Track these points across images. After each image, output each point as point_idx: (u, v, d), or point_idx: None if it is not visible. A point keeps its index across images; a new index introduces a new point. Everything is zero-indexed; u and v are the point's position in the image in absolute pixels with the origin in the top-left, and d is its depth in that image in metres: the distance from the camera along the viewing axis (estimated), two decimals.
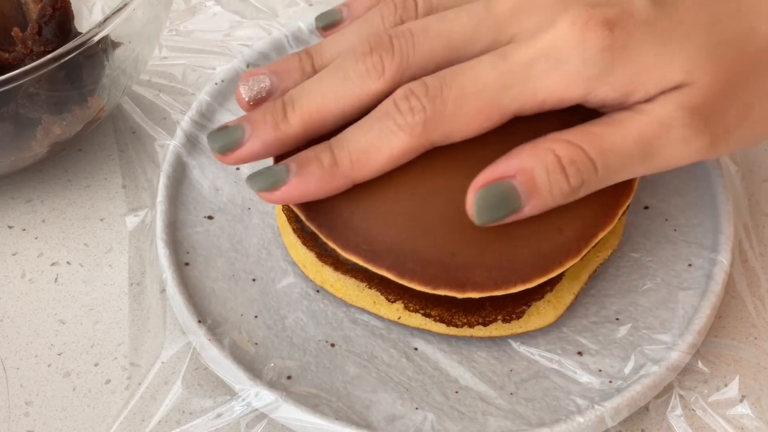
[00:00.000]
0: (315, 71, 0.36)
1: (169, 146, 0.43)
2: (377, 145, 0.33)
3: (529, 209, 0.32)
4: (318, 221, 0.35)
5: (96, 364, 0.37)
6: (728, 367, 0.36)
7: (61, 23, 0.41)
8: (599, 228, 0.34)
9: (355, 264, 0.35)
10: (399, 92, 0.33)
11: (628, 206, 0.36)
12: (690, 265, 0.38)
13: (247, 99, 0.36)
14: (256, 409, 0.34)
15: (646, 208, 0.41)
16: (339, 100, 0.34)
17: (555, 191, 0.32)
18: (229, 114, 0.45)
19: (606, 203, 0.35)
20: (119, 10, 0.40)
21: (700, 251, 0.38)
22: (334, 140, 0.33)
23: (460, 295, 0.34)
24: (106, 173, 0.45)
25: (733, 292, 0.39)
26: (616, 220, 0.35)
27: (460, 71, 0.32)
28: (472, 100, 0.32)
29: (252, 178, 0.34)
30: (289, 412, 0.33)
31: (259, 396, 0.34)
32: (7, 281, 0.41)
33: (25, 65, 0.38)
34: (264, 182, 0.33)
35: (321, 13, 0.39)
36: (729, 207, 0.39)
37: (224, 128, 0.35)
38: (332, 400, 0.35)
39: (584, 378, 0.35)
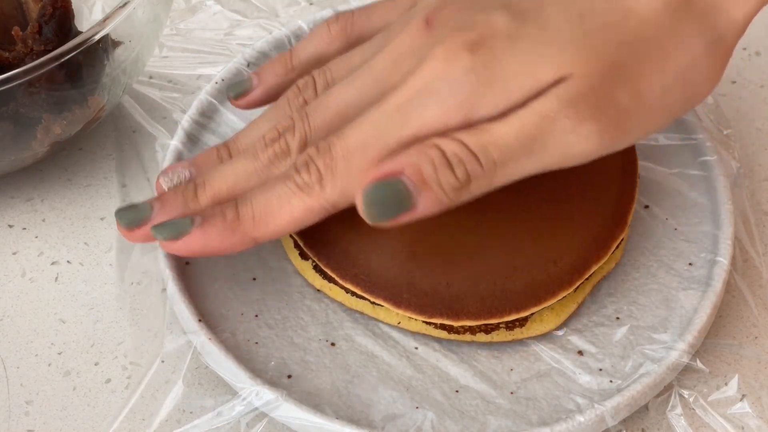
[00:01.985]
0: (231, 159, 0.37)
1: (169, 146, 0.43)
2: (278, 204, 0.34)
3: (422, 207, 0.32)
4: (317, 250, 0.36)
5: (96, 364, 0.37)
6: (728, 366, 0.36)
7: (61, 22, 0.41)
8: (593, 261, 0.36)
9: (355, 292, 0.36)
10: (300, 157, 0.34)
11: (623, 239, 0.38)
12: (690, 264, 0.38)
13: (166, 190, 0.37)
14: (257, 408, 0.34)
15: (647, 207, 0.41)
16: (250, 180, 0.35)
17: (444, 184, 0.32)
18: (230, 113, 0.45)
19: (600, 236, 0.36)
20: (119, 9, 0.40)
21: (701, 250, 0.38)
22: (239, 198, 0.35)
23: (455, 323, 0.35)
24: (107, 172, 0.45)
25: (734, 291, 0.39)
26: (610, 253, 0.36)
27: (345, 129, 0.34)
28: (359, 154, 0.33)
29: (157, 227, 0.34)
30: (289, 411, 0.33)
31: (260, 395, 0.34)
32: (8, 280, 0.41)
33: (25, 64, 0.38)
34: (168, 232, 0.34)
35: (232, 83, 0.41)
36: (729, 206, 0.39)
37: (133, 206, 0.36)
38: (332, 399, 0.35)
39: (584, 377, 0.35)
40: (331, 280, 0.37)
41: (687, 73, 0.33)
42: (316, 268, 0.37)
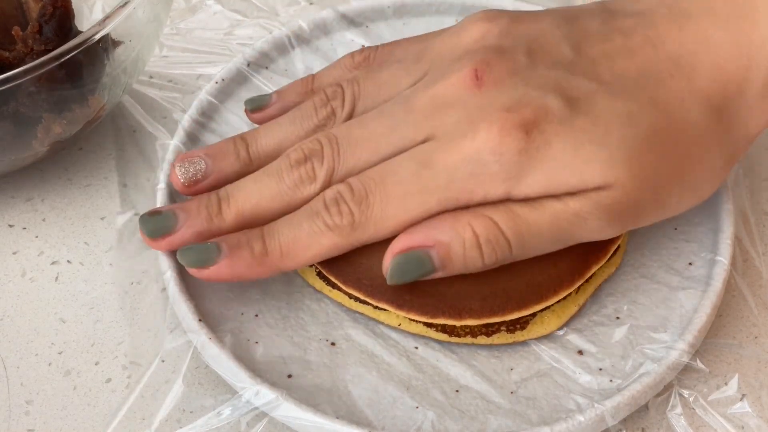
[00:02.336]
0: (249, 157, 0.38)
1: (169, 145, 0.43)
2: (307, 241, 0.35)
3: (441, 274, 0.34)
4: None
5: (96, 363, 0.37)
6: (728, 366, 0.36)
7: (62, 22, 0.41)
8: (593, 261, 0.36)
9: (357, 297, 0.36)
10: (328, 193, 0.35)
11: (623, 241, 0.38)
12: (690, 264, 0.38)
13: (182, 180, 0.38)
14: (257, 408, 0.34)
15: None
16: (273, 201, 0.36)
17: (468, 264, 0.34)
18: (230, 113, 0.45)
19: (599, 241, 0.36)
20: (119, 8, 0.40)
21: (701, 250, 0.38)
22: (266, 229, 0.35)
23: (458, 323, 0.35)
24: (107, 172, 0.45)
25: (734, 291, 0.39)
26: (610, 254, 0.37)
27: (384, 174, 0.34)
28: (397, 205, 0.34)
29: (183, 252, 0.35)
30: (289, 410, 0.33)
31: (260, 395, 0.34)
32: (8, 280, 0.41)
33: (26, 64, 0.38)
34: (194, 258, 0.35)
35: (251, 97, 0.42)
36: (729, 206, 0.39)
37: (157, 213, 0.36)
38: (332, 399, 0.35)
39: (584, 377, 0.35)
40: (334, 285, 0.37)
41: (699, 185, 0.35)
42: (319, 274, 0.37)
